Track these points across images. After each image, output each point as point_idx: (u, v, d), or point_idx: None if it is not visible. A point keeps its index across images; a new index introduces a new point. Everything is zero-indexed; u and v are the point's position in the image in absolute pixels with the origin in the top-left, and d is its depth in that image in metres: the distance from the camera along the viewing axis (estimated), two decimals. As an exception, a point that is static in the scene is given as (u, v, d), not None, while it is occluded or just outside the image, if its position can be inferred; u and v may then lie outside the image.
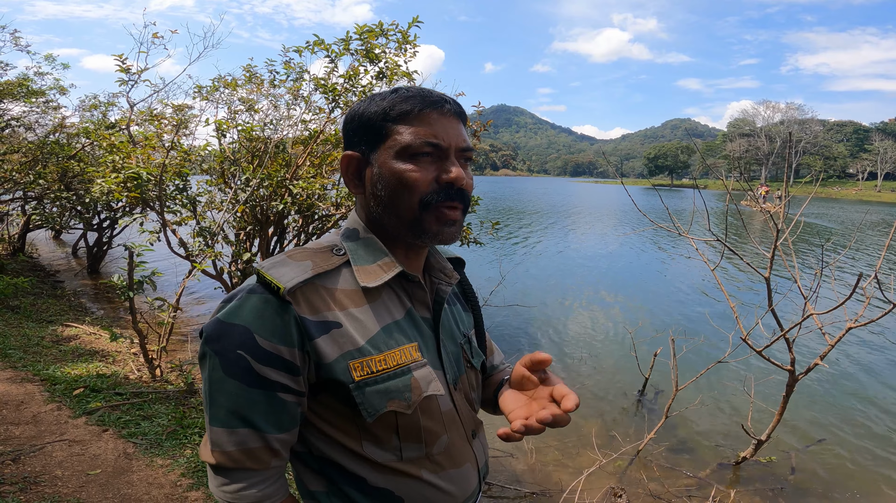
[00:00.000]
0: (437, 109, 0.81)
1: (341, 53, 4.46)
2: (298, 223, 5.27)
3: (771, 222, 2.97)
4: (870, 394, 5.01)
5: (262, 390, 0.74)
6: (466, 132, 0.85)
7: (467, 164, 0.85)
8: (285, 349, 0.73)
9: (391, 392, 0.79)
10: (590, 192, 61.65)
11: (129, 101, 4.44)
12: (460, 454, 0.89)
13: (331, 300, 0.78)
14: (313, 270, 0.77)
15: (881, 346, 6.34)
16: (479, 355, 1.01)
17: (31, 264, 9.04)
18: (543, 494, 3.30)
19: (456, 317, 0.98)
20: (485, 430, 1.01)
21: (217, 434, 0.76)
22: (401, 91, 0.82)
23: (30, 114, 8.33)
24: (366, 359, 0.77)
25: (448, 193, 0.80)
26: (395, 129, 0.80)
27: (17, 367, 3.99)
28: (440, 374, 0.87)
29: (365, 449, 0.80)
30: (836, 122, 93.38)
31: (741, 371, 5.07)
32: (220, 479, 0.78)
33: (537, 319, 7.27)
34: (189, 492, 2.58)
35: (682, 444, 4.02)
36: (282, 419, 0.77)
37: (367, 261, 0.83)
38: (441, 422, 0.85)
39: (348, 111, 0.88)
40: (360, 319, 0.79)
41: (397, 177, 0.79)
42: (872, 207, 27.08)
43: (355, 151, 0.85)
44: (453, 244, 0.86)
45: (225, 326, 0.74)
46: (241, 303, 0.74)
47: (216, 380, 0.74)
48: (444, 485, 0.86)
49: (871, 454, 3.95)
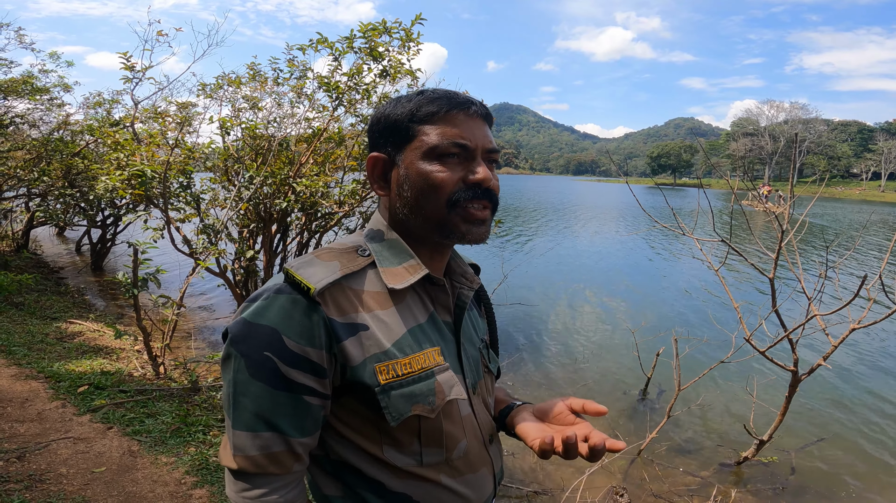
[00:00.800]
0: (464, 111, 0.81)
1: (345, 51, 4.45)
2: (302, 221, 5.28)
3: (776, 223, 2.97)
4: (872, 396, 5.00)
5: (289, 393, 0.72)
6: (491, 134, 0.86)
7: (493, 166, 0.85)
8: (313, 351, 0.72)
9: (416, 396, 0.78)
10: (592, 190, 61.56)
11: (134, 99, 4.46)
12: (478, 459, 0.89)
13: (357, 302, 0.77)
14: (341, 271, 0.77)
15: (884, 348, 6.33)
16: (496, 360, 1.02)
17: (35, 261, 9.07)
18: (545, 493, 3.31)
19: (474, 323, 0.98)
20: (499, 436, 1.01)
21: (240, 438, 0.73)
22: (427, 93, 0.83)
23: (34, 111, 8.34)
24: (392, 362, 0.77)
25: (475, 193, 0.80)
26: (422, 130, 0.80)
27: (21, 364, 4.00)
28: (461, 379, 0.87)
29: (385, 453, 0.79)
30: (840, 122, 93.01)
31: (744, 371, 5.07)
32: (241, 485, 0.75)
33: (539, 318, 7.27)
34: (193, 490, 2.59)
35: (683, 444, 4.02)
36: (306, 423, 0.75)
37: (392, 262, 0.83)
38: (461, 427, 0.85)
39: (374, 113, 0.88)
40: (386, 322, 0.78)
41: (424, 177, 0.79)
42: (876, 207, 26.99)
43: (381, 153, 0.85)
44: (483, 243, 0.85)
45: (251, 327, 0.72)
46: (269, 303, 0.73)
47: (241, 382, 0.72)
48: (461, 490, 0.86)
49: (872, 455, 3.95)
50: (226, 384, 0.75)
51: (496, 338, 1.08)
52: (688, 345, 4.72)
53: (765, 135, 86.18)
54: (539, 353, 5.89)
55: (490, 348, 1.01)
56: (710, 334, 5.69)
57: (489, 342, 1.05)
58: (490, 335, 1.06)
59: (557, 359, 5.77)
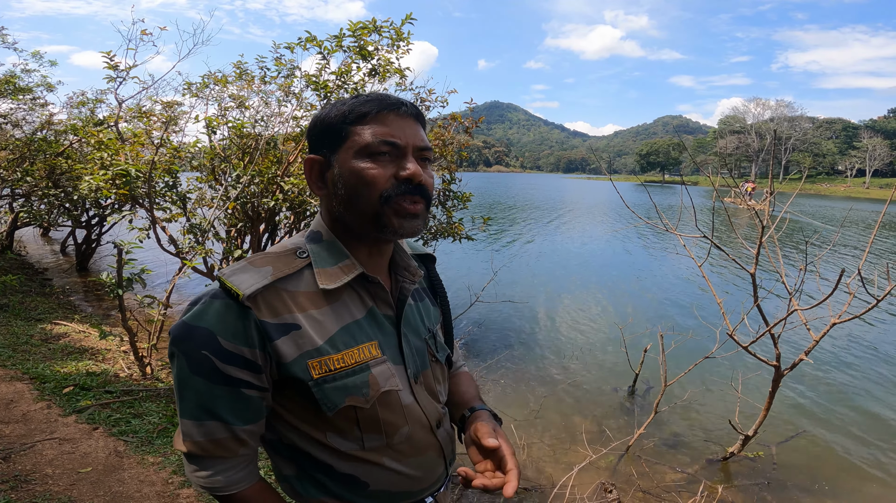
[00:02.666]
0: (394, 111, 0.85)
1: (334, 50, 4.44)
2: (290, 220, 5.26)
3: (756, 219, 3.01)
4: (856, 388, 5.09)
5: (227, 386, 0.79)
6: (424, 133, 0.90)
7: (427, 164, 0.89)
8: (247, 350, 0.78)
9: (349, 388, 0.83)
10: (582, 188, 61.83)
11: (118, 98, 4.40)
12: (422, 444, 0.94)
13: (291, 302, 0.82)
14: (273, 275, 0.81)
15: (866, 341, 6.43)
16: (444, 349, 1.06)
17: (20, 262, 8.95)
18: (535, 490, 3.33)
19: (422, 313, 1.01)
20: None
21: (187, 426, 0.81)
22: (360, 97, 0.87)
23: (17, 111, 8.22)
24: (324, 358, 0.82)
25: (407, 188, 0.84)
26: (354, 131, 0.84)
27: (6, 366, 3.96)
28: (400, 370, 0.92)
29: (329, 439, 0.86)
30: (825, 120, 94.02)
31: (729, 366, 5.13)
32: (192, 466, 0.84)
33: (528, 315, 7.30)
34: (181, 490, 2.58)
35: (671, 440, 4.06)
36: (246, 412, 0.82)
37: (328, 263, 0.87)
38: (402, 415, 0.90)
39: (312, 118, 0.92)
40: (320, 320, 0.83)
41: (357, 174, 0.83)
42: (860, 204, 27.37)
43: (317, 155, 0.89)
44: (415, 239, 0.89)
45: (190, 328, 0.78)
46: (205, 307, 0.78)
47: (184, 377, 0.79)
48: (405, 471, 0.92)
49: (856, 448, 4.02)
50: (174, 378, 0.82)
51: (451, 326, 1.12)
52: (674, 340, 4.76)
53: (751, 132, 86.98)
54: (528, 350, 5.92)
55: (437, 338, 1.04)
56: (696, 330, 5.75)
57: (444, 330, 1.10)
58: (444, 323, 1.10)
59: (546, 355, 5.80)
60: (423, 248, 1.11)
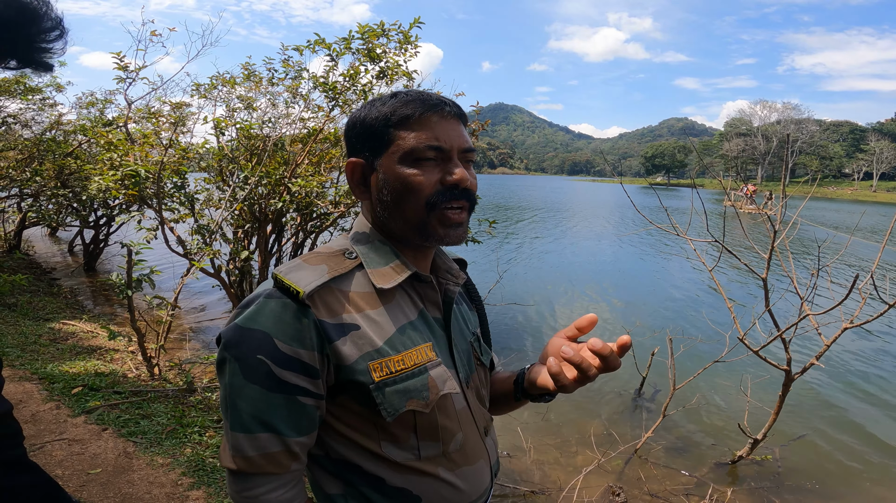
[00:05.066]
0: (438, 112, 0.82)
1: (342, 52, 4.46)
2: (297, 221, 5.27)
3: (768, 223, 2.99)
4: (866, 393, 5.05)
5: (283, 394, 0.75)
6: (467, 132, 0.87)
7: (470, 165, 0.87)
8: (305, 353, 0.74)
9: (410, 391, 0.80)
10: (587, 190, 61.71)
11: (127, 99, 4.42)
12: (474, 451, 0.91)
13: (347, 303, 0.79)
14: (329, 274, 0.79)
15: (875, 346, 6.38)
16: (488, 353, 1.04)
17: (28, 262, 8.99)
18: (542, 493, 3.32)
19: (464, 317, 1.00)
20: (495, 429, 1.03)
21: (238, 439, 0.76)
22: (400, 95, 0.84)
23: (26, 111, 8.27)
24: (385, 359, 0.79)
25: (453, 194, 0.81)
26: (398, 135, 0.81)
27: (14, 366, 3.97)
28: (453, 373, 0.89)
29: (384, 449, 0.81)
30: (832, 122, 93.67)
31: (738, 370, 5.10)
32: (241, 485, 0.78)
33: (534, 318, 7.28)
34: (190, 492, 2.58)
35: (679, 443, 4.04)
36: (301, 423, 0.77)
37: (379, 263, 0.84)
38: (456, 420, 0.87)
39: (349, 117, 0.89)
40: (377, 321, 0.80)
41: (402, 181, 0.81)
42: (868, 207, 27.22)
43: (359, 158, 0.86)
44: (461, 244, 0.88)
45: (244, 331, 0.74)
46: (260, 308, 0.75)
47: (237, 385, 0.74)
48: (459, 483, 0.87)
49: (866, 452, 3.99)
50: (222, 388, 0.77)
51: (487, 330, 1.09)
52: (682, 344, 4.74)
53: (757, 135, 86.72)
54: (535, 352, 5.91)
55: (482, 341, 1.03)
56: (705, 334, 5.72)
57: (481, 334, 1.07)
58: (482, 327, 1.07)
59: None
60: (455, 253, 1.08)
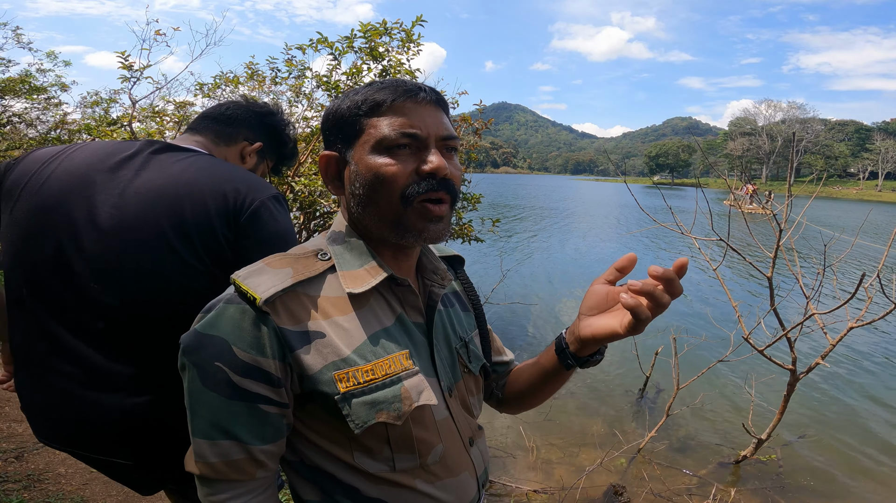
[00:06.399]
0: (412, 98, 0.76)
1: (345, 51, 4.45)
2: (300, 220, 5.27)
3: (773, 222, 2.98)
4: (872, 393, 5.02)
5: (243, 402, 0.72)
6: (448, 120, 0.80)
7: (452, 154, 0.80)
8: (264, 361, 0.71)
9: (379, 403, 0.75)
10: (591, 190, 61.61)
11: (132, 98, 4.43)
12: (456, 463, 0.86)
13: (314, 308, 0.74)
14: (293, 278, 0.74)
15: (884, 345, 6.35)
16: (478, 359, 0.96)
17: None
18: (545, 492, 3.31)
19: (453, 320, 0.94)
20: (484, 436, 0.98)
21: (200, 445, 0.73)
22: (374, 84, 0.79)
23: (31, 110, 8.32)
24: (351, 369, 0.74)
25: (430, 184, 0.75)
26: (370, 123, 0.76)
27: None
28: (434, 382, 0.83)
29: (356, 459, 0.77)
30: (837, 122, 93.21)
31: (742, 370, 5.08)
32: (206, 489, 0.76)
33: (538, 317, 7.27)
34: (192, 489, 2.58)
35: (683, 443, 4.03)
36: (264, 431, 0.74)
37: (353, 265, 0.79)
38: (436, 432, 0.82)
39: (325, 109, 0.84)
40: (346, 328, 0.76)
41: (374, 172, 0.75)
42: (873, 207, 27.10)
43: (333, 150, 0.81)
44: (441, 242, 0.81)
45: (203, 338, 0.71)
46: (219, 314, 0.71)
47: (196, 391, 0.72)
48: (439, 495, 0.83)
49: (872, 453, 3.96)
50: (185, 393, 0.74)
51: (487, 331, 1.03)
52: (686, 343, 4.72)
53: (762, 134, 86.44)
54: (538, 351, 5.88)
55: (470, 346, 0.95)
56: (709, 333, 5.70)
57: (480, 336, 1.01)
58: (480, 329, 1.01)
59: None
60: (451, 250, 1.02)
